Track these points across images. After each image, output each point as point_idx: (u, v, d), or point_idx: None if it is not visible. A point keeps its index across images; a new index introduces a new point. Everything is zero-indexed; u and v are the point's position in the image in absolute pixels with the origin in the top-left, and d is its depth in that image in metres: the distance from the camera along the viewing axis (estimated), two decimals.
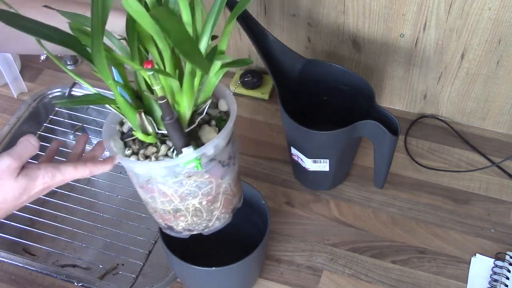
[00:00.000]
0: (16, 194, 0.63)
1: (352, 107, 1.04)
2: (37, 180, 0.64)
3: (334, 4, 1.08)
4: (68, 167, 0.67)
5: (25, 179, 0.63)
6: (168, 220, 0.77)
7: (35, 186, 0.64)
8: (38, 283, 0.98)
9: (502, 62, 1.06)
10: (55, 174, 0.66)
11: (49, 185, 0.66)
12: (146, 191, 0.73)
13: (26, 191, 0.64)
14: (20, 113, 1.23)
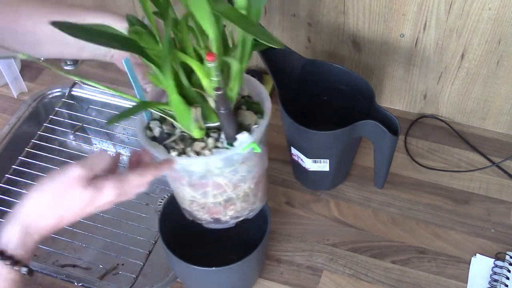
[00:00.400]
0: (83, 204, 0.64)
1: (352, 107, 1.04)
2: (104, 191, 0.65)
3: (334, 4, 1.08)
4: (133, 175, 0.67)
5: (93, 190, 0.64)
6: (216, 213, 0.78)
7: (102, 197, 0.65)
8: (38, 283, 0.98)
9: (502, 62, 1.06)
10: (122, 184, 0.66)
11: (116, 195, 0.66)
12: (198, 188, 0.74)
13: (93, 202, 0.65)
14: (20, 113, 1.23)
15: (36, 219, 0.64)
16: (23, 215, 0.64)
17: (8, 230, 0.63)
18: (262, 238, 0.87)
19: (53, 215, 0.64)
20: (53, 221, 0.65)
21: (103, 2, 1.27)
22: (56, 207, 0.64)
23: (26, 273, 0.63)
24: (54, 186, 0.64)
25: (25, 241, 0.64)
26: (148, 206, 1.11)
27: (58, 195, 0.64)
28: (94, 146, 1.33)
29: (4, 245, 0.63)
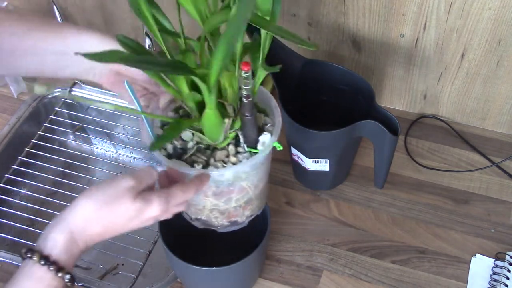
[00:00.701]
0: (130, 215, 0.64)
1: (352, 107, 1.04)
2: (152, 205, 0.64)
3: (334, 4, 1.08)
4: (177, 191, 0.67)
5: (141, 202, 0.64)
6: (235, 216, 0.79)
7: (149, 211, 0.65)
8: None
9: (502, 62, 1.06)
10: (168, 200, 0.66)
11: (161, 211, 0.65)
12: (223, 196, 0.75)
13: (139, 214, 0.64)
14: (20, 113, 1.23)
15: (84, 227, 0.63)
16: (70, 222, 0.63)
17: (54, 236, 0.62)
18: (262, 238, 0.87)
19: (100, 224, 0.64)
20: (100, 229, 0.64)
21: (103, 3, 1.27)
22: (104, 216, 0.63)
23: (69, 281, 0.62)
24: (103, 194, 0.64)
25: (70, 248, 0.63)
26: None
27: (107, 204, 0.63)
28: (94, 146, 1.33)
29: (49, 250, 0.62)
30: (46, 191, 1.16)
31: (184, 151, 0.74)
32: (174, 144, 0.74)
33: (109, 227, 0.64)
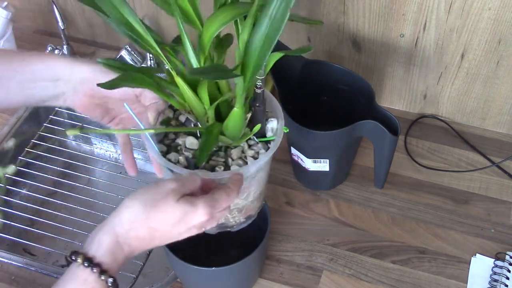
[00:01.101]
0: (176, 218, 0.63)
1: (352, 107, 1.04)
2: (198, 208, 0.63)
3: (334, 4, 1.08)
4: (221, 194, 0.66)
5: (186, 204, 0.63)
6: (250, 210, 0.80)
7: (196, 213, 0.63)
8: (38, 283, 0.98)
9: (502, 62, 1.06)
10: (213, 203, 0.65)
11: (208, 215, 0.64)
12: (244, 192, 0.75)
13: (186, 217, 0.63)
14: (20, 113, 1.23)
15: (128, 229, 0.62)
16: (116, 224, 0.62)
17: (99, 238, 0.62)
18: (262, 238, 0.87)
19: (145, 226, 0.63)
20: (144, 233, 0.63)
21: None
22: (148, 218, 0.62)
23: (111, 285, 0.61)
24: (147, 197, 0.63)
25: (114, 251, 0.62)
26: None
27: (150, 206, 0.62)
28: (94, 146, 1.33)
29: (94, 252, 0.61)
30: (46, 191, 1.16)
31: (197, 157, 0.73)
32: (185, 155, 0.73)
33: (154, 230, 0.63)
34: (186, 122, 0.77)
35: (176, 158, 0.73)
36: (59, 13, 1.22)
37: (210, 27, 0.67)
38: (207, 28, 0.67)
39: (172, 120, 0.78)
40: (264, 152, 0.74)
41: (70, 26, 1.35)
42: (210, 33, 0.67)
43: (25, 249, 1.14)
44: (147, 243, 0.64)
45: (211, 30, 0.67)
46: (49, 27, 1.38)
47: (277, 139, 0.75)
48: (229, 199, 0.66)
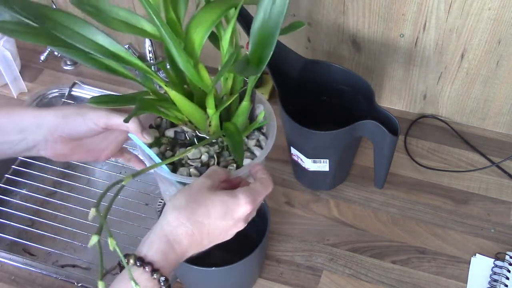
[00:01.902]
0: (219, 209, 0.63)
1: (352, 107, 1.04)
2: (240, 198, 0.64)
3: (334, 4, 1.08)
4: (257, 184, 0.67)
5: (224, 194, 0.64)
6: None
7: (239, 204, 0.64)
8: (38, 283, 0.98)
9: (502, 62, 1.06)
10: (252, 192, 0.65)
11: (251, 204, 0.64)
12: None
13: (229, 209, 0.63)
14: None
15: (176, 226, 0.63)
16: (163, 225, 0.63)
17: (149, 239, 0.63)
18: (262, 238, 0.87)
19: (191, 221, 0.63)
20: (192, 227, 0.63)
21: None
22: (192, 213, 0.63)
23: (164, 284, 0.62)
24: (186, 195, 0.64)
25: (165, 250, 0.62)
26: (148, 206, 1.11)
27: (192, 201, 0.63)
28: None
29: (145, 252, 0.62)
30: (46, 191, 1.16)
31: (206, 164, 0.74)
32: (194, 166, 0.73)
33: (201, 224, 0.63)
34: (177, 136, 0.77)
35: (187, 172, 0.73)
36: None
37: (196, 32, 0.66)
38: (192, 33, 0.66)
39: (161, 138, 0.77)
40: (264, 139, 0.76)
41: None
42: (199, 39, 0.67)
43: (25, 249, 1.14)
44: (198, 241, 0.64)
45: (199, 36, 0.66)
46: None
47: (272, 123, 0.76)
48: (266, 188, 0.67)
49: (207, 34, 0.66)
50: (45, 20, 0.62)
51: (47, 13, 0.62)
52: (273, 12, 0.63)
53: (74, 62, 1.33)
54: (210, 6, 0.66)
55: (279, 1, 0.62)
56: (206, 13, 0.65)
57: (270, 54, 0.63)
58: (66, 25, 0.63)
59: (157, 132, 0.77)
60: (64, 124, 0.71)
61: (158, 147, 0.76)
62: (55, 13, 0.63)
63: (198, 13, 0.66)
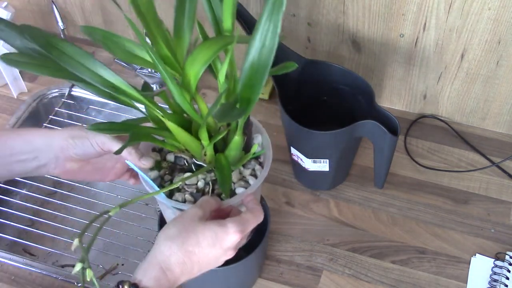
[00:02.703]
0: (209, 239, 0.66)
1: (352, 107, 1.04)
2: (228, 228, 0.67)
3: (334, 4, 1.08)
4: (248, 214, 0.70)
5: (214, 224, 0.67)
6: None
7: (228, 233, 0.67)
8: (38, 283, 0.98)
9: (501, 62, 1.06)
10: (242, 222, 0.68)
11: (239, 233, 0.67)
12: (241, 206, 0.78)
13: (218, 238, 0.67)
14: (20, 113, 1.23)
15: (168, 256, 0.66)
16: (156, 254, 0.66)
17: (144, 268, 0.66)
18: (262, 238, 0.87)
19: (182, 251, 0.66)
20: (183, 257, 0.66)
21: (102, 3, 1.27)
22: (183, 243, 0.66)
23: None
24: (178, 225, 0.67)
25: (158, 277, 0.65)
26: (148, 206, 1.11)
27: (183, 231, 0.66)
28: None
29: (139, 278, 0.65)
30: (46, 191, 1.16)
31: (201, 190, 0.76)
32: (190, 191, 0.76)
33: (191, 253, 0.66)
34: (176, 161, 0.79)
35: (182, 198, 0.75)
36: (58, 13, 1.22)
37: (192, 67, 0.69)
38: (189, 68, 0.69)
39: (162, 161, 0.80)
40: (260, 168, 0.78)
41: (70, 26, 1.35)
42: (195, 74, 0.69)
43: (25, 249, 1.14)
44: (189, 269, 0.67)
45: (194, 71, 0.69)
46: (49, 27, 1.38)
47: (268, 153, 0.78)
48: (256, 218, 0.70)
49: (202, 70, 0.69)
50: (52, 50, 0.66)
51: (54, 42, 0.67)
52: (262, 54, 0.64)
53: None
54: (206, 44, 0.68)
55: (268, 44, 0.63)
56: (202, 51, 0.68)
57: (259, 95, 0.66)
58: (71, 56, 0.67)
59: (159, 155, 0.80)
60: (73, 145, 0.75)
61: (158, 170, 0.78)
62: (61, 44, 0.67)
63: (195, 50, 0.69)
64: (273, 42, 0.63)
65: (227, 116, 0.65)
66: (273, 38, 0.63)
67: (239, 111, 0.66)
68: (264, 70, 0.64)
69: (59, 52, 0.67)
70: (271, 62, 0.64)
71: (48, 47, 0.66)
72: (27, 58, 0.68)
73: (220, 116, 0.64)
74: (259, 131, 0.81)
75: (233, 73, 0.72)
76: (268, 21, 0.62)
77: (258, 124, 0.81)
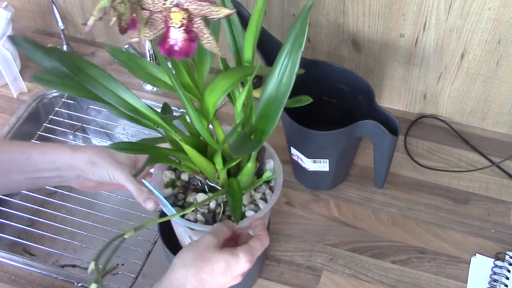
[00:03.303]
0: (222, 267, 0.69)
1: (352, 107, 1.04)
2: (240, 257, 0.69)
3: (334, 4, 1.08)
4: (256, 242, 0.72)
5: (227, 253, 0.69)
6: None
7: (239, 262, 0.69)
8: (38, 283, 0.98)
9: (501, 62, 1.06)
10: (251, 251, 0.71)
11: (249, 262, 0.70)
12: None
13: (230, 266, 0.69)
14: (20, 113, 1.23)
15: (183, 282, 0.68)
16: (171, 280, 0.69)
17: None
18: None
19: (197, 278, 0.68)
20: (197, 284, 0.68)
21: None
22: (198, 271, 0.68)
23: None
24: (193, 253, 0.69)
25: None
26: None
27: (198, 259, 0.69)
28: None
29: None
30: (46, 191, 1.16)
31: (212, 211, 0.79)
32: (201, 212, 0.78)
33: (205, 281, 0.69)
34: (190, 180, 0.82)
35: (194, 217, 0.78)
36: (58, 13, 1.22)
37: (212, 95, 0.72)
38: (208, 96, 0.72)
39: (176, 180, 0.82)
40: (270, 193, 0.81)
41: (70, 26, 1.35)
42: (213, 102, 0.72)
43: (25, 249, 1.14)
44: None
45: (213, 99, 0.72)
46: (49, 27, 1.38)
47: (279, 178, 0.81)
48: (263, 245, 0.72)
49: (221, 98, 0.72)
50: (78, 72, 0.69)
51: (81, 65, 0.70)
52: (279, 89, 0.68)
53: None
54: (226, 74, 0.71)
55: (285, 81, 0.67)
56: (221, 80, 0.71)
57: (273, 127, 0.69)
58: (96, 79, 0.71)
59: (174, 174, 0.83)
60: (92, 171, 0.79)
61: (172, 188, 0.81)
62: (87, 67, 0.70)
63: (215, 79, 0.71)
64: (291, 79, 0.66)
65: (243, 149, 0.68)
66: (291, 75, 0.66)
67: (254, 144, 0.70)
68: (280, 105, 0.68)
69: (85, 75, 0.70)
70: (287, 97, 0.67)
71: (75, 69, 0.69)
72: (55, 77, 0.72)
73: (236, 149, 0.67)
74: (271, 156, 0.84)
75: (250, 102, 0.74)
76: (287, 58, 0.66)
77: (270, 149, 0.84)
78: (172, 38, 0.59)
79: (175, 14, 0.58)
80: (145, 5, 0.58)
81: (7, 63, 1.22)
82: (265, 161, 0.83)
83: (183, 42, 0.59)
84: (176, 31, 0.59)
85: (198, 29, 0.60)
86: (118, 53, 0.75)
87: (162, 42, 0.60)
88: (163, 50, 0.60)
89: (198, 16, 0.59)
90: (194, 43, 0.60)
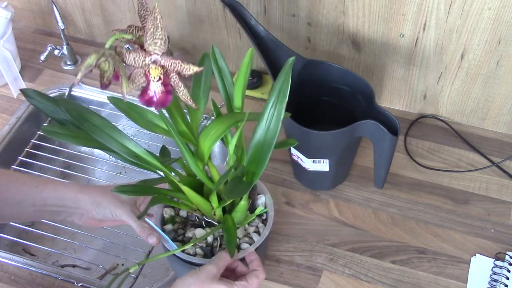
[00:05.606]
0: None
1: (352, 107, 1.04)
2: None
3: (334, 4, 1.08)
4: (253, 278, 0.77)
5: (224, 284, 0.75)
6: None
7: None
8: (38, 283, 0.98)
9: (502, 62, 1.06)
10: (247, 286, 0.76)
11: None
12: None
13: None
14: (20, 113, 1.23)
15: None
16: None
17: None
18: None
19: None
20: None
21: (102, 3, 1.27)
22: None
23: None
24: (195, 280, 0.75)
25: None
26: None
27: (197, 285, 0.74)
28: None
29: None
30: None
31: (210, 245, 0.84)
32: (200, 245, 0.84)
33: None
34: (189, 217, 0.88)
35: (193, 251, 0.83)
36: (58, 13, 1.22)
37: (206, 141, 0.78)
38: (203, 141, 0.78)
39: (176, 216, 0.88)
40: (262, 226, 0.86)
41: (70, 26, 1.35)
42: (208, 146, 0.79)
43: (25, 249, 1.14)
44: None
45: (208, 144, 0.78)
46: (49, 27, 1.38)
47: (270, 212, 0.86)
48: (259, 279, 0.78)
49: (214, 143, 0.78)
50: (84, 122, 0.76)
51: (86, 115, 0.77)
52: (267, 135, 0.76)
53: (74, 62, 1.33)
54: (219, 120, 0.78)
55: (272, 127, 0.75)
56: (215, 126, 0.77)
57: (263, 169, 0.76)
58: (101, 128, 0.77)
59: (173, 211, 0.88)
60: (96, 210, 0.84)
61: (172, 224, 0.87)
62: (92, 117, 0.78)
63: (209, 126, 0.78)
64: (277, 126, 0.75)
65: (235, 192, 0.74)
66: (277, 122, 0.75)
67: (246, 186, 0.76)
68: (269, 149, 0.75)
69: (90, 124, 0.77)
70: (275, 142, 0.75)
71: (81, 119, 0.76)
72: (64, 129, 0.79)
73: (229, 193, 0.73)
74: (262, 192, 0.89)
75: (241, 144, 0.81)
76: (273, 108, 0.74)
77: (262, 186, 0.89)
78: (151, 90, 0.67)
79: (153, 70, 0.66)
80: (128, 62, 0.67)
81: (7, 63, 1.22)
82: (257, 197, 0.89)
83: (161, 94, 0.67)
84: (155, 84, 0.67)
85: (174, 83, 0.68)
86: (118, 102, 0.81)
87: (142, 94, 0.67)
88: (143, 101, 0.67)
89: (173, 72, 0.67)
90: (170, 95, 0.67)
